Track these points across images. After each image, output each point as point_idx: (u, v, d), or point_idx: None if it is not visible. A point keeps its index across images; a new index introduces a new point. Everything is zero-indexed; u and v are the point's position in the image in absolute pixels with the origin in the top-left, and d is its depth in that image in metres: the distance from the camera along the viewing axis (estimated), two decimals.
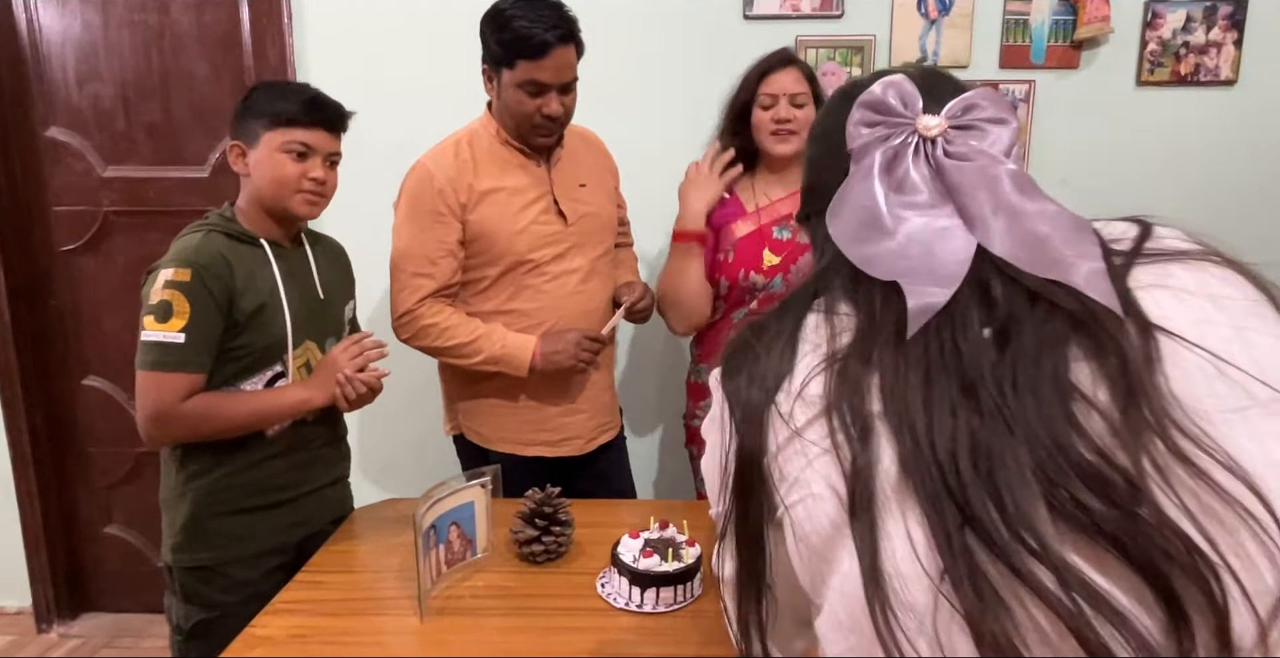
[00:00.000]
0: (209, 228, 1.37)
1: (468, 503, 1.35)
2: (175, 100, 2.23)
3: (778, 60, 1.70)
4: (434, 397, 1.88)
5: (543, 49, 1.51)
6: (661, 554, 1.28)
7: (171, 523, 1.42)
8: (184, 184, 2.26)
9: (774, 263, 1.70)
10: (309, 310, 1.45)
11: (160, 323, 1.29)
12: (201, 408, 1.32)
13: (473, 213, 1.62)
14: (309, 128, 1.37)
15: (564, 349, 1.63)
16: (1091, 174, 2.18)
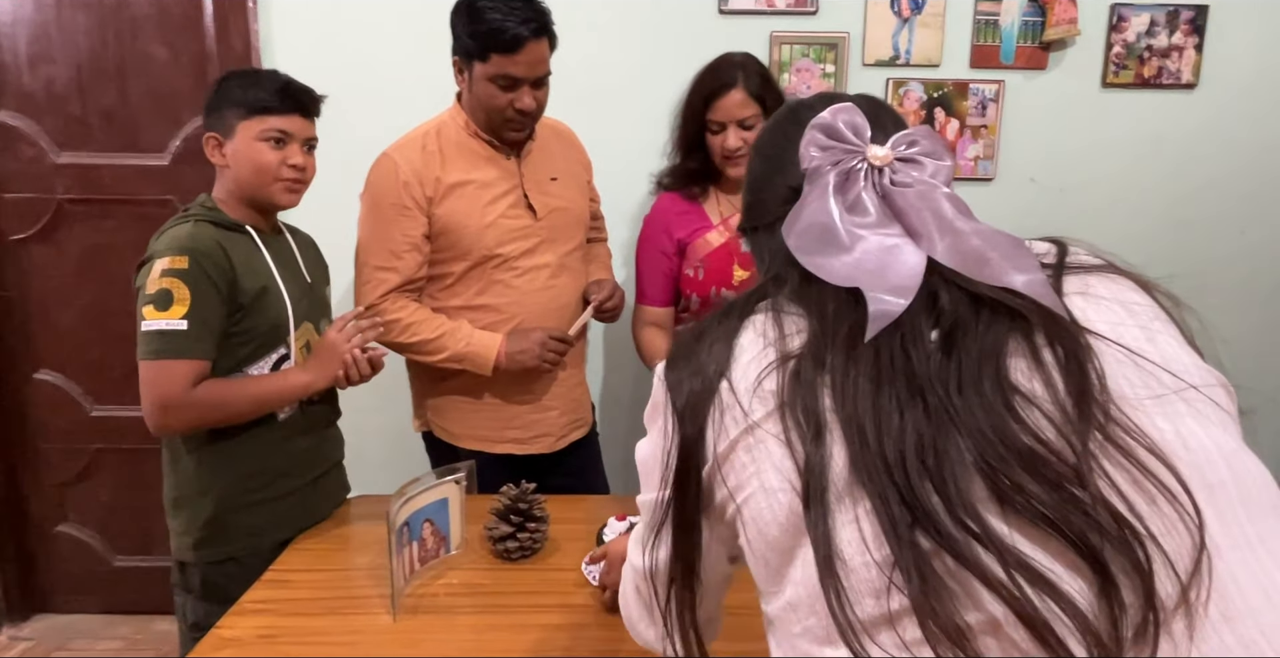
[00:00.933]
0: (195, 217, 1.36)
1: (442, 500, 1.33)
2: (133, 85, 2.16)
3: (720, 84, 1.61)
4: (404, 392, 1.85)
5: (516, 43, 1.49)
6: None
7: (191, 520, 1.39)
8: (143, 172, 2.19)
9: (744, 277, 1.68)
10: (301, 293, 1.45)
11: (161, 311, 1.27)
12: (211, 395, 1.31)
13: (439, 206, 1.59)
14: (285, 114, 1.37)
15: (529, 348, 1.61)
16: (1058, 172, 2.23)
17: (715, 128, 1.63)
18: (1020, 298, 0.64)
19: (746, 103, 1.60)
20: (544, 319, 1.67)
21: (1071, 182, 2.23)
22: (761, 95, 1.61)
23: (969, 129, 2.19)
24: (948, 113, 2.17)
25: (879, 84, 2.16)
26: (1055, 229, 2.58)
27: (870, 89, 2.15)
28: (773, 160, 0.78)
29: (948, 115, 2.18)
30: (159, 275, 1.28)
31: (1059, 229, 2.58)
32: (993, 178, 2.22)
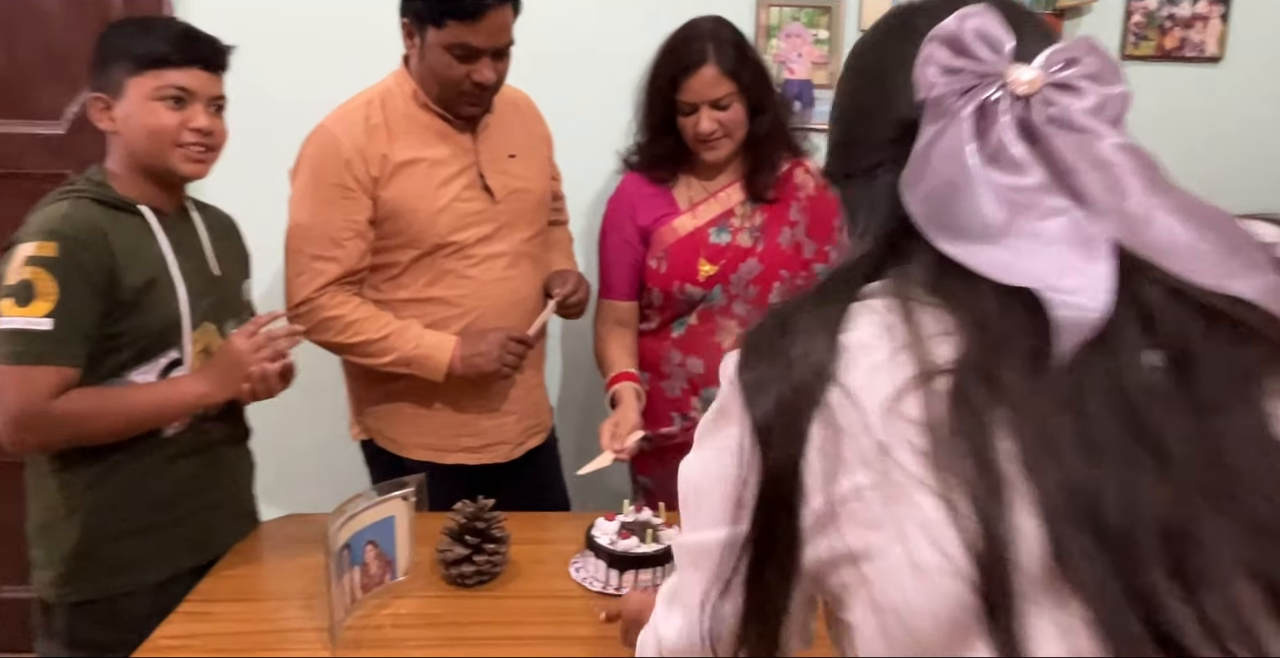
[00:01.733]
0: (77, 194, 1.30)
1: (387, 519, 1.31)
2: (23, 43, 2.09)
3: (688, 63, 1.57)
4: (338, 396, 1.82)
5: (477, 9, 1.46)
6: (639, 536, 1.36)
7: (51, 551, 1.33)
8: (36, 142, 2.13)
9: (711, 273, 1.67)
10: (204, 287, 1.39)
11: (21, 307, 1.20)
12: (79, 406, 1.24)
13: (385, 188, 1.56)
14: (183, 68, 1.30)
15: (486, 351, 1.59)
16: None
17: (686, 109, 1.61)
18: (1253, 311, 0.51)
19: (719, 81, 1.57)
20: (502, 313, 1.65)
21: None
22: (736, 70, 1.58)
23: None
24: None
25: None
26: None
27: None
28: (874, 85, 0.65)
29: None
30: (22, 264, 1.21)
31: None
32: None
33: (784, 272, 1.70)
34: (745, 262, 1.68)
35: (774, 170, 1.69)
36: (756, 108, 1.63)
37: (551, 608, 1.31)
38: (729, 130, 1.62)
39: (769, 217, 1.70)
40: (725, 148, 1.64)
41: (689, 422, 1.72)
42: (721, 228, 1.69)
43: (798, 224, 1.71)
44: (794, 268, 1.71)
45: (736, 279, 1.68)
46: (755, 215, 1.69)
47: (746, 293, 1.69)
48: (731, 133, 1.62)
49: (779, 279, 1.70)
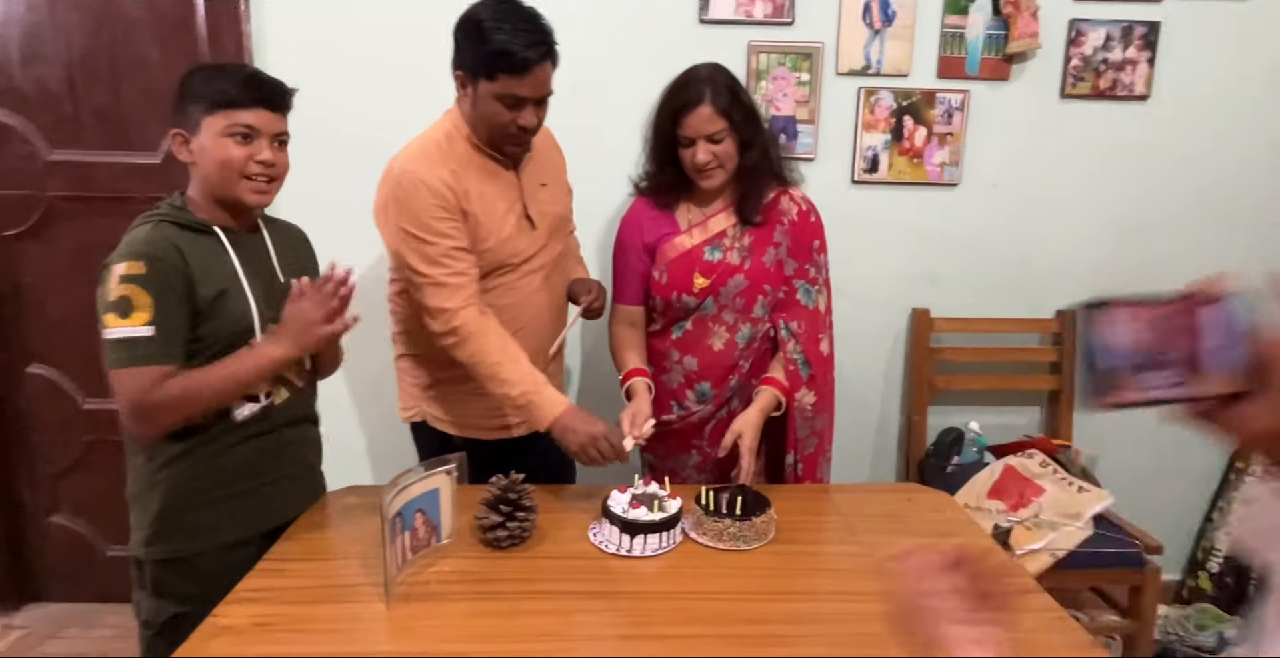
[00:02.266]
0: (159, 218, 1.30)
1: (433, 490, 1.31)
2: (125, 84, 2.10)
3: (687, 102, 1.57)
4: (386, 386, 1.82)
5: (525, 66, 1.45)
6: (648, 506, 1.39)
7: (142, 515, 1.34)
8: (134, 170, 2.14)
9: (704, 285, 1.66)
10: (271, 296, 1.38)
11: (124, 319, 1.21)
12: (177, 390, 1.25)
13: (469, 220, 1.56)
14: (250, 108, 1.29)
15: (581, 433, 1.47)
16: (1019, 178, 2.25)
17: (685, 142, 1.61)
18: None
19: (714, 119, 1.57)
20: (540, 317, 1.68)
21: (1031, 187, 2.25)
22: (729, 110, 1.57)
23: (936, 136, 2.20)
24: (916, 121, 2.18)
25: (851, 93, 2.16)
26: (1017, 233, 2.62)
27: (843, 98, 2.16)
28: None
29: (916, 123, 2.19)
30: (117, 283, 1.21)
31: (1020, 233, 2.61)
32: (958, 183, 2.23)
33: (767, 286, 1.69)
34: (734, 277, 1.67)
35: (760, 198, 1.68)
36: (746, 143, 1.62)
37: (572, 567, 1.31)
38: (722, 162, 1.61)
39: (755, 238, 1.69)
40: (719, 177, 1.63)
41: (685, 411, 1.72)
42: (715, 247, 1.68)
43: (780, 245, 1.70)
44: (776, 283, 1.70)
45: (725, 292, 1.67)
46: (744, 237, 1.68)
47: (734, 304, 1.68)
48: (724, 164, 1.62)
49: (762, 292, 1.69)
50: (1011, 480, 2.03)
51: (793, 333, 1.68)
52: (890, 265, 2.27)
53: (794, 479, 1.73)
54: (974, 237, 2.27)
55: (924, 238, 2.26)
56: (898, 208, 2.23)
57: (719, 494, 1.44)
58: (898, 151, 2.20)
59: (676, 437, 1.74)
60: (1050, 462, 2.05)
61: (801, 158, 2.15)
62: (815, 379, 1.69)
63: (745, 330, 1.69)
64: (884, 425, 2.38)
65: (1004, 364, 2.30)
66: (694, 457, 1.77)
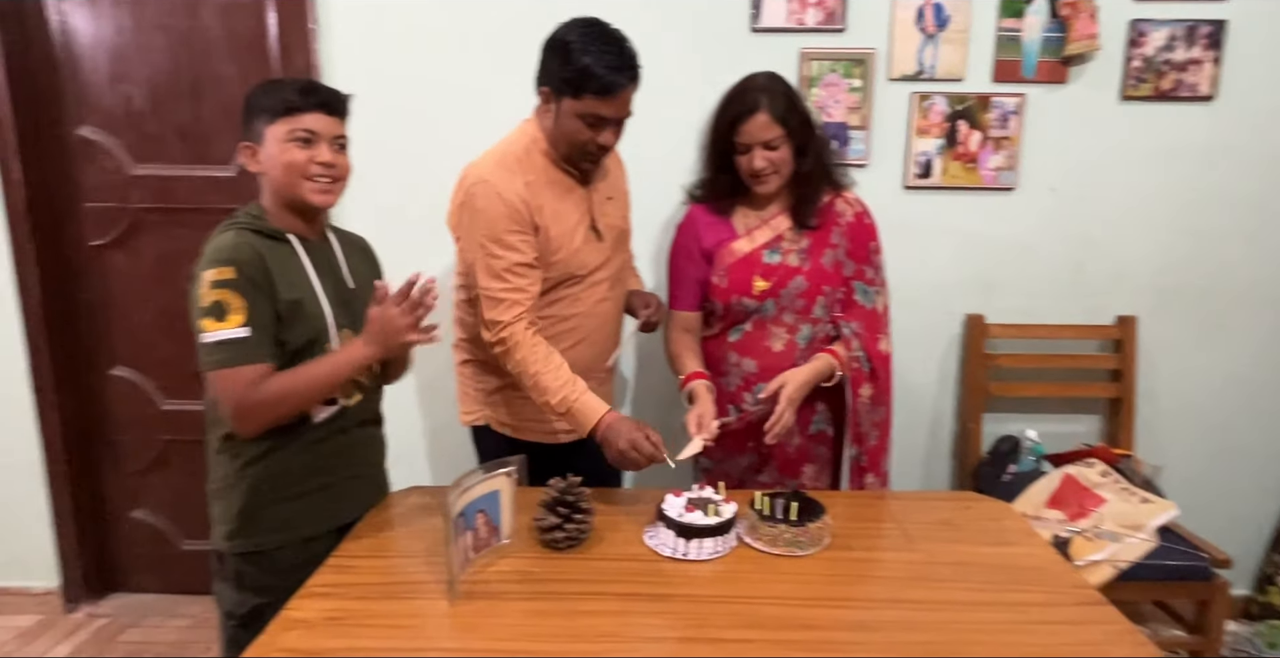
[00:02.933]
0: (239, 226, 1.34)
1: (494, 492, 1.33)
2: (204, 102, 2.20)
3: (744, 110, 1.59)
4: (445, 392, 1.86)
5: (612, 89, 1.47)
6: (703, 509, 1.39)
7: (226, 510, 1.39)
8: (212, 182, 2.24)
9: (764, 288, 1.67)
10: (341, 300, 1.42)
11: (220, 322, 1.26)
12: (276, 389, 1.29)
13: (540, 233, 1.59)
14: (308, 113, 1.33)
15: (624, 435, 1.48)
16: (1077, 183, 2.19)
17: (741, 149, 1.62)
18: None
19: (770, 125, 1.58)
20: (603, 327, 1.71)
21: (1090, 191, 2.19)
22: (785, 117, 1.59)
23: (991, 141, 2.16)
24: (971, 125, 2.15)
25: (904, 98, 2.13)
26: (1074, 237, 2.56)
27: (896, 103, 2.14)
28: None
29: (970, 128, 2.15)
30: (209, 288, 1.26)
31: (1078, 237, 2.56)
32: (1014, 188, 2.19)
33: (826, 287, 1.69)
34: (794, 279, 1.67)
35: (816, 202, 1.68)
36: (801, 149, 1.63)
37: (628, 569, 1.32)
38: (778, 168, 1.62)
39: (814, 241, 1.69)
40: (774, 183, 1.64)
41: (742, 412, 1.72)
42: (773, 250, 1.69)
43: (838, 247, 1.70)
44: (836, 283, 1.70)
45: (786, 294, 1.67)
46: (801, 240, 1.69)
47: (794, 305, 1.68)
48: (780, 170, 1.63)
49: (822, 294, 1.69)
50: (1071, 490, 1.98)
51: (854, 332, 1.68)
52: (944, 271, 2.24)
53: (858, 473, 1.73)
54: (1030, 241, 2.22)
55: (978, 243, 2.22)
56: (951, 213, 2.20)
57: (774, 499, 1.43)
58: (951, 156, 2.16)
59: (733, 437, 1.75)
60: (1111, 471, 1.99)
61: (854, 164, 2.13)
62: (876, 375, 1.69)
63: (805, 331, 1.69)
64: (937, 432, 2.34)
65: (1061, 371, 2.25)
66: (749, 457, 1.77)
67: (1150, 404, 2.26)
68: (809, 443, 1.77)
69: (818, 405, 1.75)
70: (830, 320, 1.71)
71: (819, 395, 1.73)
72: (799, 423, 1.74)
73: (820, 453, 1.79)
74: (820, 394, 1.73)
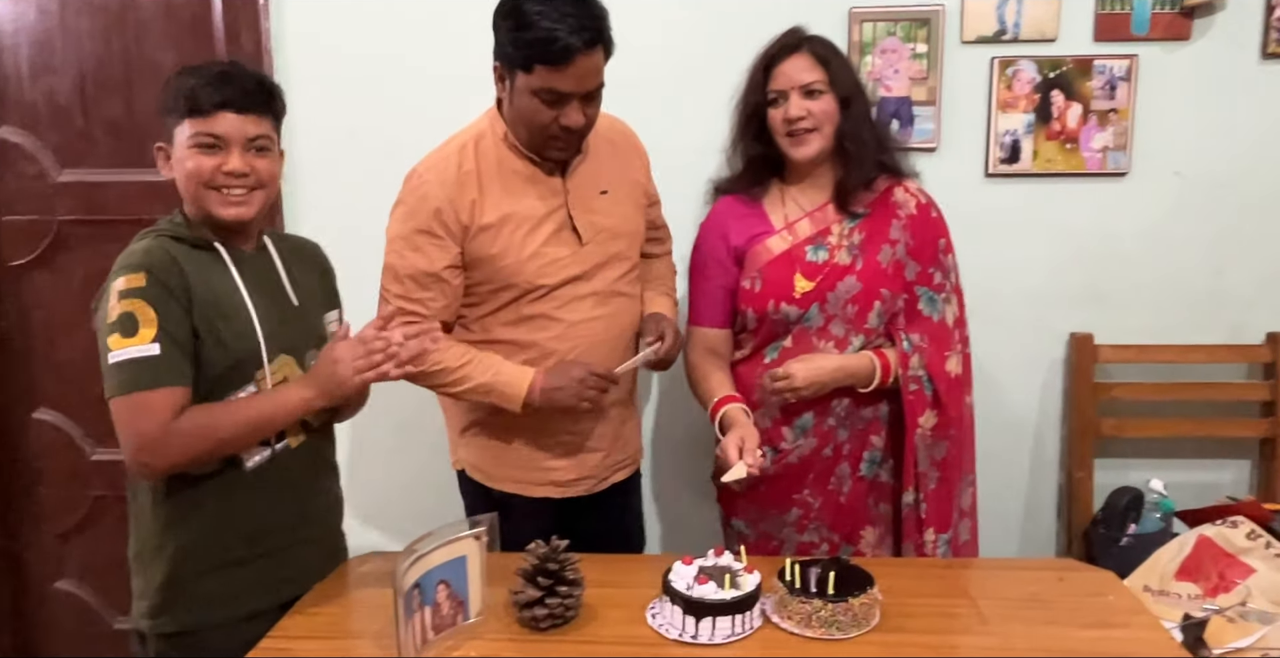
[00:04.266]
0: (156, 233, 1.40)
1: (459, 558, 1.35)
2: (139, 94, 2.30)
3: (781, 47, 1.68)
4: (430, 429, 1.89)
5: (565, 55, 1.49)
6: (718, 581, 1.36)
7: (147, 582, 1.42)
8: (149, 189, 2.32)
9: (807, 289, 1.68)
10: (281, 319, 1.46)
11: (128, 338, 1.30)
12: (197, 422, 1.33)
13: (474, 238, 1.63)
14: (213, 113, 1.34)
15: (566, 385, 1.62)
16: (1211, 164, 2.16)
17: (777, 98, 1.67)
18: None
19: (811, 67, 1.65)
20: (589, 354, 1.69)
21: (1226, 175, 2.15)
22: (827, 58, 1.66)
23: (1095, 115, 2.13)
24: (1068, 96, 2.13)
25: (981, 65, 2.13)
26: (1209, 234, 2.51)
27: (971, 71, 2.14)
28: None
29: (1068, 99, 2.13)
30: (117, 299, 1.30)
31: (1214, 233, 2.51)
32: (1126, 173, 2.16)
33: (884, 290, 1.69)
34: (844, 279, 1.68)
35: (863, 180, 1.70)
36: (847, 102, 1.66)
37: (625, 655, 1.32)
38: (818, 122, 1.65)
39: (868, 234, 1.70)
40: (814, 145, 1.66)
41: (780, 454, 1.72)
42: (819, 246, 1.71)
43: (899, 243, 1.71)
44: (895, 287, 1.70)
45: (834, 298, 1.68)
46: (854, 233, 1.70)
47: (845, 312, 1.68)
48: (820, 126, 1.66)
49: (879, 298, 1.68)
50: (1208, 556, 1.92)
51: (915, 346, 1.68)
52: (1039, 279, 2.22)
53: (915, 526, 1.72)
54: (1150, 240, 2.19)
55: (1083, 243, 2.20)
56: (1047, 206, 2.18)
57: (807, 568, 1.42)
58: (1045, 136, 2.15)
59: (771, 488, 1.74)
60: (1262, 533, 1.93)
61: (920, 147, 2.13)
62: (940, 401, 1.68)
63: (857, 344, 1.70)
64: (1038, 485, 2.31)
65: (1196, 404, 2.20)
66: (794, 513, 1.76)
67: None
68: (864, 492, 1.75)
69: (872, 439, 1.74)
70: (888, 333, 1.71)
71: (874, 426, 1.72)
72: (849, 460, 1.73)
73: (882, 512, 1.77)
74: (876, 425, 1.72)
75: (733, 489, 1.73)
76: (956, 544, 1.76)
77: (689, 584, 1.38)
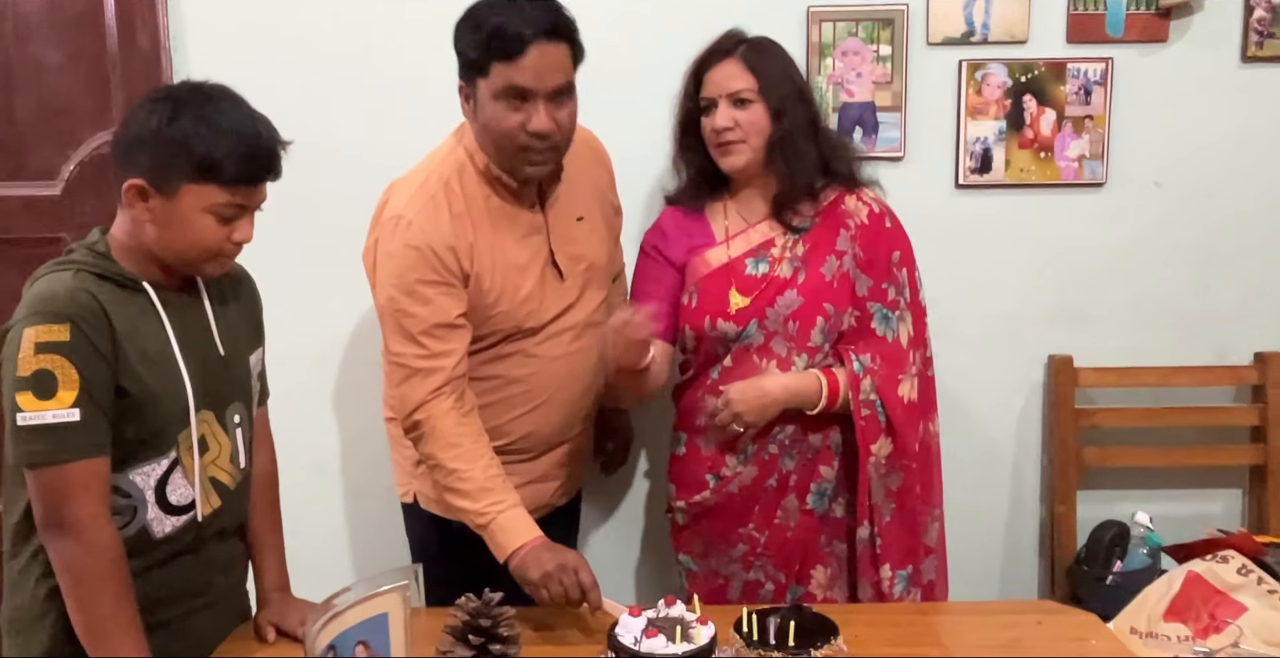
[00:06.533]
0: (76, 266, 1.35)
1: (380, 616, 1.34)
2: (20, 98, 2.26)
3: (712, 52, 1.72)
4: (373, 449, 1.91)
5: (518, 45, 1.52)
6: (668, 634, 1.35)
7: (23, 653, 1.39)
8: (29, 204, 2.29)
9: (743, 305, 1.72)
10: (205, 372, 1.43)
11: (43, 400, 1.26)
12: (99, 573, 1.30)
13: (471, 285, 1.64)
14: (245, 186, 1.35)
15: (540, 581, 1.51)
16: (1190, 173, 2.23)
17: (708, 106, 1.71)
18: None
19: (741, 74, 1.69)
20: (566, 388, 1.76)
21: (1209, 185, 2.22)
22: (758, 66, 1.69)
23: (1069, 121, 2.20)
24: (1041, 101, 2.19)
25: (949, 68, 2.19)
26: (1191, 248, 2.58)
27: (938, 75, 2.19)
28: None
29: (1041, 105, 2.19)
30: (33, 351, 1.26)
31: (1196, 247, 2.58)
32: (1103, 182, 2.22)
33: (827, 304, 1.72)
34: (783, 294, 1.72)
35: (802, 191, 1.73)
36: (780, 113, 1.69)
37: None
38: (745, 133, 1.69)
39: (812, 245, 1.74)
40: (742, 155, 1.70)
41: (721, 482, 1.76)
42: (760, 259, 1.75)
43: (846, 255, 1.74)
44: (840, 302, 1.73)
45: (774, 314, 1.72)
46: (798, 245, 1.75)
47: (786, 329, 1.72)
48: (748, 137, 1.69)
49: (822, 314, 1.72)
50: (1198, 594, 1.97)
51: (866, 368, 1.71)
52: (1014, 297, 2.26)
53: (871, 560, 1.75)
54: (1130, 254, 2.24)
55: (1060, 258, 2.25)
56: (1021, 218, 2.23)
57: (766, 618, 1.43)
58: (1018, 144, 2.21)
59: (715, 520, 1.78)
60: (1254, 567, 1.99)
61: (885, 157, 2.17)
62: (895, 429, 1.72)
63: (801, 364, 1.73)
64: (1017, 520, 2.34)
65: (1182, 430, 2.25)
66: (739, 548, 1.79)
67: None
68: (814, 527, 1.78)
69: (821, 470, 1.77)
70: (836, 353, 1.74)
71: (824, 456, 1.75)
72: (796, 492, 1.75)
73: (835, 551, 1.80)
74: (826, 455, 1.75)
75: (677, 522, 1.82)
76: (920, 582, 1.79)
77: (637, 638, 1.37)
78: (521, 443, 1.76)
